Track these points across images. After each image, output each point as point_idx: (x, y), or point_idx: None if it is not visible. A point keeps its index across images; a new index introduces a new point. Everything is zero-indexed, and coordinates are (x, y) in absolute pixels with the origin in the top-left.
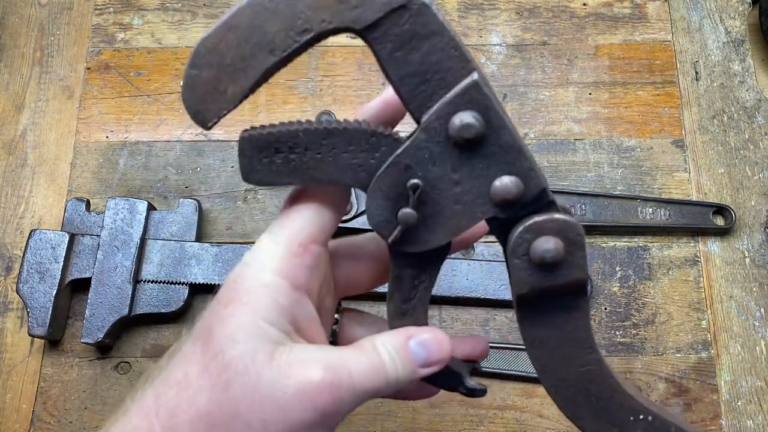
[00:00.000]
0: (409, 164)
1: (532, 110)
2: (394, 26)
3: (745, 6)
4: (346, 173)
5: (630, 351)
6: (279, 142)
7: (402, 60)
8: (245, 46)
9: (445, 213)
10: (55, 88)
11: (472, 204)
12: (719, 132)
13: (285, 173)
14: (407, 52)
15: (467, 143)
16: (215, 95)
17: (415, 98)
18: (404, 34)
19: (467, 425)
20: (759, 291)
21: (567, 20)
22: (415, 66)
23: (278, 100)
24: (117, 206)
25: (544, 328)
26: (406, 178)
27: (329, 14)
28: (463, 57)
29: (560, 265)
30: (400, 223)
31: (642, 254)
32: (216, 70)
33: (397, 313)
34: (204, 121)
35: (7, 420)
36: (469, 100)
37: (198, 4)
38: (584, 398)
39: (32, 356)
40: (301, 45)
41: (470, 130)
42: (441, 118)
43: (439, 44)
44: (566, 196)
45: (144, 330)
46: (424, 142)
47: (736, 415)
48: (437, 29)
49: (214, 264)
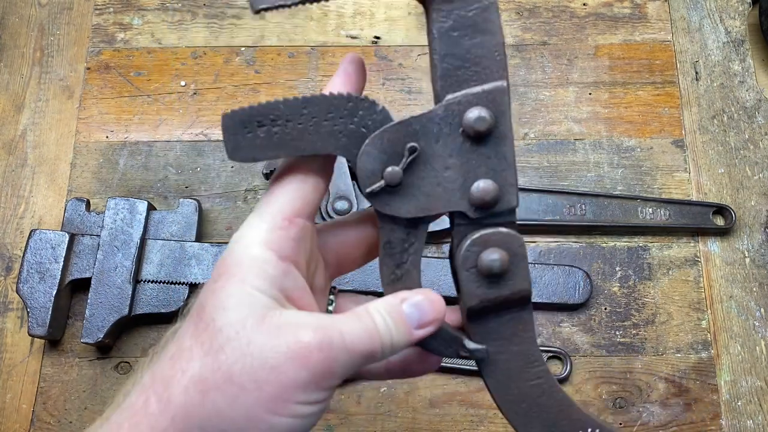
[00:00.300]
0: (417, 130)
1: (532, 110)
2: (462, 10)
3: (745, 6)
4: (328, 140)
5: (630, 351)
6: (261, 116)
7: (454, 40)
8: None
9: (425, 189)
10: (55, 88)
11: (452, 192)
12: (719, 132)
13: (269, 146)
14: (461, 36)
15: (473, 136)
16: None
17: (448, 77)
18: (467, 19)
19: (467, 425)
20: (759, 291)
21: (567, 20)
22: (461, 50)
23: None
24: (117, 206)
25: (494, 343)
26: (408, 140)
27: None
28: (503, 63)
29: (506, 275)
30: (384, 177)
31: (642, 254)
32: None
33: (391, 279)
34: (256, 2)
35: (7, 420)
36: (491, 100)
37: (198, 4)
38: (536, 413)
39: (32, 356)
40: None
41: (481, 124)
42: (462, 104)
43: (489, 43)
44: (566, 196)
45: (144, 330)
46: (439, 118)
47: (736, 415)
48: (493, 30)
49: (214, 264)
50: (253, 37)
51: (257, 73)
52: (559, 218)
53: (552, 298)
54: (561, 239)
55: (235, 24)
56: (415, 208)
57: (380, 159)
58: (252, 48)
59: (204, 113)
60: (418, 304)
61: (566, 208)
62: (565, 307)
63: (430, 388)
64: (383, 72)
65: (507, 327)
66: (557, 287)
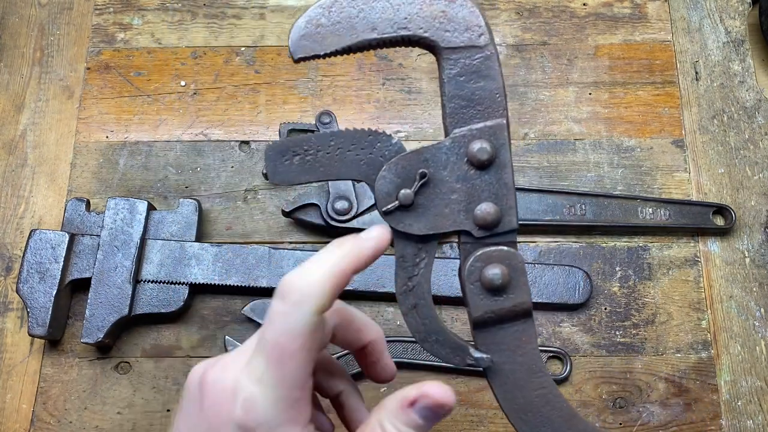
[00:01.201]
0: (427, 158)
1: (532, 110)
2: (467, 58)
3: (745, 6)
4: (351, 167)
5: (630, 351)
6: (296, 146)
7: (460, 84)
8: (356, 17)
9: (434, 210)
10: (55, 88)
11: (458, 213)
12: (719, 132)
13: (302, 172)
14: (467, 80)
15: (476, 164)
16: (316, 38)
17: (455, 115)
18: (471, 67)
19: (467, 425)
20: (759, 291)
21: (567, 20)
22: (466, 92)
23: (278, 100)
24: (117, 206)
25: (499, 354)
26: (419, 167)
27: (428, 26)
28: (502, 103)
29: (507, 289)
30: (398, 198)
31: (642, 254)
32: (326, 21)
33: (403, 289)
34: (297, 52)
35: (7, 420)
36: (492, 134)
37: (198, 4)
38: (541, 421)
39: (32, 356)
40: (395, 38)
41: (483, 154)
42: (467, 137)
43: (490, 86)
44: (566, 196)
45: (144, 330)
46: (447, 149)
47: (736, 415)
48: (494, 75)
49: (214, 264)
50: (253, 37)
51: (257, 73)
52: (559, 218)
53: (552, 298)
54: (561, 239)
55: (235, 24)
56: (425, 227)
57: (395, 183)
58: (252, 48)
59: (204, 113)
60: (426, 406)
61: (566, 208)
62: (565, 307)
63: None
64: (383, 72)
65: (511, 338)
66: (557, 287)
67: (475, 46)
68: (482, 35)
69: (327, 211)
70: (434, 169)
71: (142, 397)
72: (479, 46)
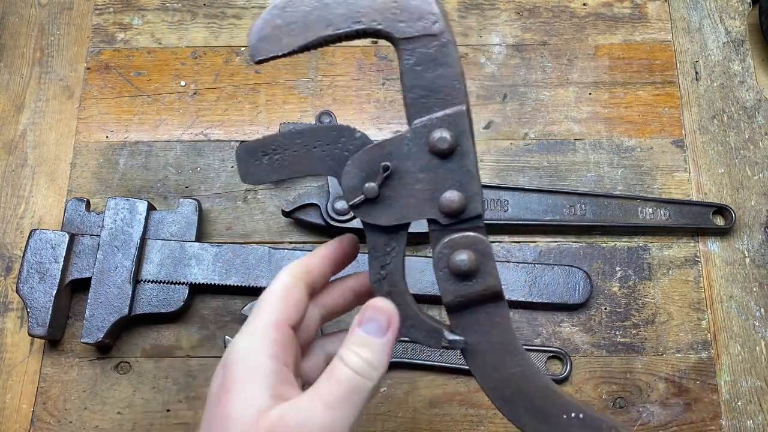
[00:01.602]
0: (390, 151)
1: (532, 110)
2: (423, 47)
3: (745, 6)
4: (318, 164)
5: (630, 351)
6: (264, 147)
7: (418, 74)
8: (310, 15)
9: (400, 201)
10: (55, 88)
11: (423, 202)
12: (719, 132)
13: (272, 170)
14: (424, 69)
15: (439, 153)
16: (273, 40)
17: (415, 105)
18: (427, 55)
19: (467, 425)
20: (759, 291)
21: (567, 20)
22: (425, 82)
23: (278, 100)
24: (117, 206)
25: (475, 335)
26: (382, 159)
27: (381, 18)
28: (462, 90)
29: (475, 274)
30: (363, 192)
31: (642, 254)
32: (281, 22)
33: (377, 278)
34: (255, 55)
35: (7, 420)
36: (452, 123)
37: (198, 4)
38: (519, 398)
39: (32, 356)
40: (350, 32)
41: (444, 143)
42: (427, 127)
43: (448, 74)
44: (566, 196)
45: (144, 330)
46: (408, 140)
47: (736, 415)
48: (451, 62)
49: (214, 264)
50: None
51: (257, 73)
52: (559, 218)
53: (552, 298)
54: (561, 239)
55: (235, 24)
56: (393, 217)
57: (359, 177)
58: None
59: (204, 113)
60: (368, 318)
61: (566, 208)
62: (565, 307)
63: (430, 388)
64: (383, 72)
65: (485, 320)
66: (557, 287)
67: (430, 35)
68: (436, 23)
69: (327, 211)
70: (397, 160)
71: (142, 397)
72: (434, 34)
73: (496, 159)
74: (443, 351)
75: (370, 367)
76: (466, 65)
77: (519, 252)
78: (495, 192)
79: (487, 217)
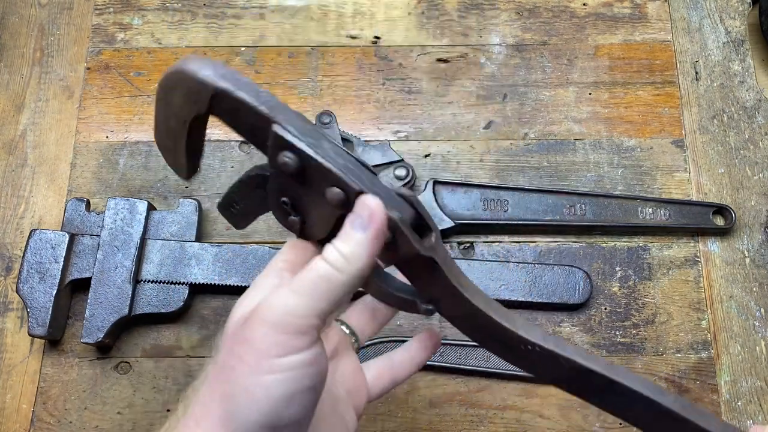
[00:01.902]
0: (279, 188)
1: (532, 110)
2: (220, 106)
3: (745, 6)
4: (261, 205)
5: (630, 351)
6: (228, 201)
7: (238, 124)
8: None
9: (314, 214)
10: (55, 88)
11: (325, 206)
12: (719, 132)
13: (245, 218)
14: (237, 119)
15: (295, 173)
16: (178, 165)
17: (261, 147)
18: (229, 109)
19: (467, 425)
20: (759, 291)
21: (567, 20)
22: (246, 126)
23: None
24: (117, 206)
25: (424, 285)
26: (279, 197)
27: (190, 108)
28: (263, 116)
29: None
30: (289, 226)
31: (642, 254)
32: (164, 151)
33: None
34: (184, 177)
35: (7, 420)
36: (281, 145)
37: (198, 4)
38: (478, 331)
39: (32, 356)
40: (187, 130)
41: (288, 167)
42: (273, 159)
43: (248, 111)
44: (566, 196)
45: (144, 330)
46: (275, 176)
47: (736, 415)
48: (241, 103)
49: (214, 264)
50: (253, 37)
51: (257, 73)
52: (559, 218)
53: (552, 298)
54: (561, 239)
55: (235, 24)
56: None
57: (282, 214)
58: (252, 48)
59: None
60: (355, 214)
61: (566, 208)
62: (565, 307)
63: (430, 388)
64: (383, 72)
65: (427, 275)
66: (557, 287)
67: (215, 95)
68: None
69: None
70: (289, 191)
71: (142, 397)
72: (215, 93)
73: (496, 159)
74: (443, 351)
75: (343, 259)
76: (466, 65)
77: (519, 252)
78: (495, 192)
79: (488, 217)
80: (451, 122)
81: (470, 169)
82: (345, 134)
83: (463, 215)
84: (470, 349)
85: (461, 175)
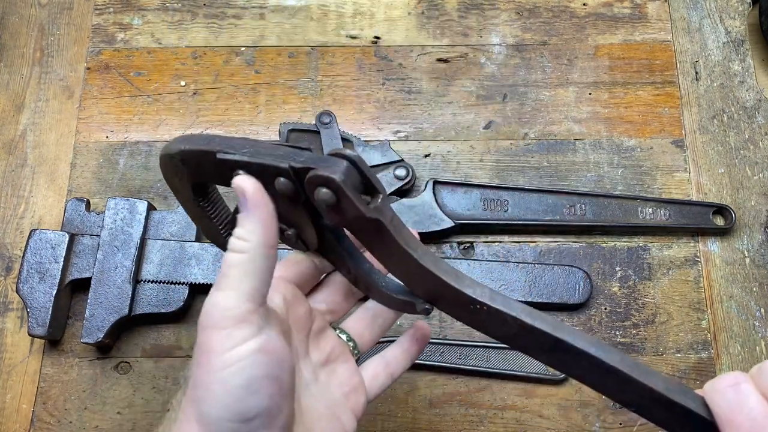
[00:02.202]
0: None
1: (532, 110)
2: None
3: (745, 6)
4: None
5: (630, 351)
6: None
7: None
8: None
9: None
10: (55, 88)
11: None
12: (719, 132)
13: None
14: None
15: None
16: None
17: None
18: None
19: (467, 425)
20: (759, 291)
21: (567, 20)
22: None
23: (278, 100)
24: (117, 206)
25: (375, 249)
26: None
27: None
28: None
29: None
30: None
31: (642, 254)
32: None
33: (352, 280)
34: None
35: (7, 420)
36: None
37: (198, 4)
38: (432, 294)
39: (32, 356)
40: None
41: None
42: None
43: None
44: (566, 196)
45: (144, 330)
46: None
47: None
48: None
49: (214, 264)
50: (253, 37)
51: (257, 73)
52: (559, 218)
53: (552, 298)
54: (561, 239)
55: (235, 24)
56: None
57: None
58: (252, 48)
59: (204, 113)
60: (240, 202)
61: (566, 208)
62: (565, 307)
63: (430, 388)
64: (383, 72)
65: (377, 238)
66: (557, 287)
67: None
68: None
69: None
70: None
71: (142, 397)
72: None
73: (496, 159)
74: (443, 351)
75: (240, 241)
76: (466, 65)
77: (519, 252)
78: (495, 192)
79: (487, 217)
80: (451, 122)
81: (470, 169)
82: (345, 134)
83: (463, 215)
84: (470, 349)
85: (461, 175)
